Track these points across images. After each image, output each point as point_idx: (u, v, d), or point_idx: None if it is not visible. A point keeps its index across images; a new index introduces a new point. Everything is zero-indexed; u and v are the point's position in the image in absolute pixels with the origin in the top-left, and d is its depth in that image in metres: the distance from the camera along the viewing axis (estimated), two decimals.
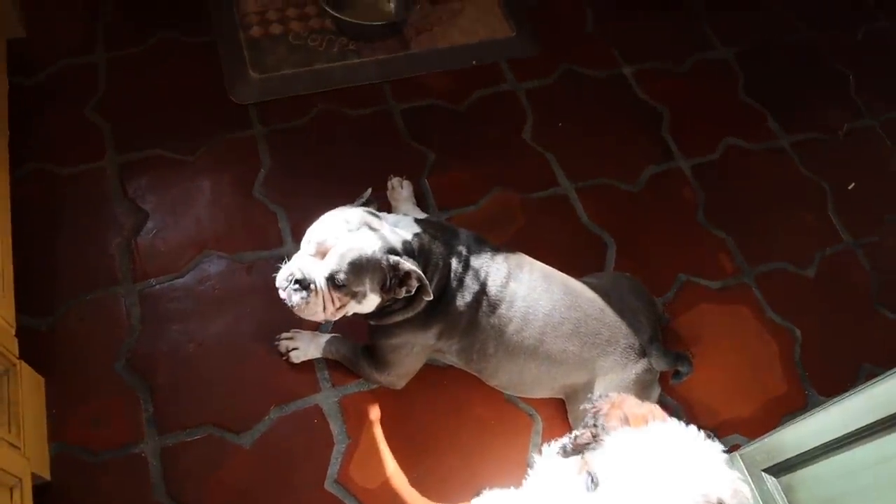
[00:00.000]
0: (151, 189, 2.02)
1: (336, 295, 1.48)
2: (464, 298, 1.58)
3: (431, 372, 1.80)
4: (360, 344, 1.75)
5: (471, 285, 1.58)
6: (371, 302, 1.53)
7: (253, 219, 2.00)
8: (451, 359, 1.73)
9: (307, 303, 1.48)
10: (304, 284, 1.47)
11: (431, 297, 1.52)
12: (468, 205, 2.11)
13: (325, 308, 1.51)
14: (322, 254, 1.47)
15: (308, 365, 1.80)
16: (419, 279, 1.48)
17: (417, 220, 1.61)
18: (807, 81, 2.63)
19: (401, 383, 1.76)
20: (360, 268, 1.44)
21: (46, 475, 1.58)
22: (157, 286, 1.87)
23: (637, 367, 1.65)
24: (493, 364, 1.67)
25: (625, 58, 2.53)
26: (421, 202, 2.05)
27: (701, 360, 1.93)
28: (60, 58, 2.21)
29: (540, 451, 1.34)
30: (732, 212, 2.24)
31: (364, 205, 1.59)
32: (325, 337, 1.78)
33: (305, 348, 1.78)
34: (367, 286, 1.48)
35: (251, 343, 1.81)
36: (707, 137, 2.40)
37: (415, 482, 1.70)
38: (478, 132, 2.26)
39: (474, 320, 1.60)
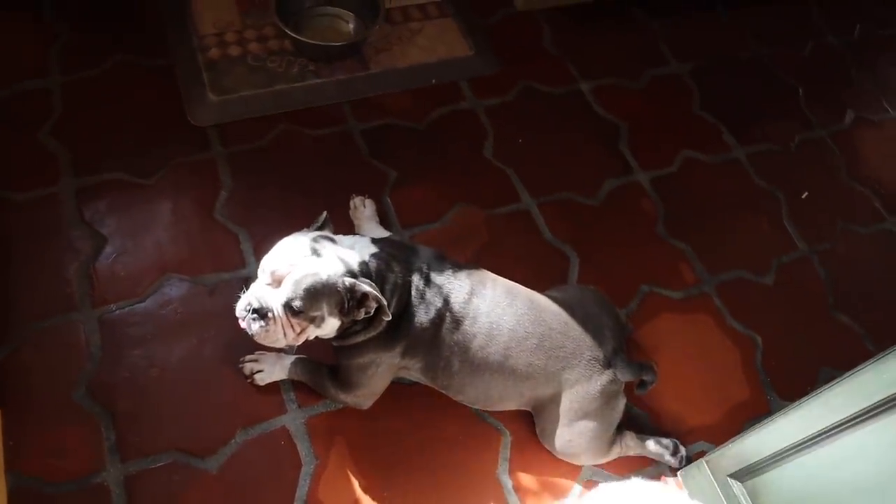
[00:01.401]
0: (110, 213, 1.99)
1: (294, 321, 1.49)
2: (426, 316, 1.58)
3: (398, 390, 1.79)
4: (325, 364, 1.74)
5: (433, 303, 1.58)
6: (330, 325, 1.53)
7: (215, 241, 1.98)
8: (417, 376, 1.72)
9: (266, 331, 1.49)
10: (261, 313, 1.47)
11: (390, 318, 1.52)
12: (432, 222, 2.11)
13: (285, 334, 1.51)
14: (278, 281, 1.47)
15: (273, 387, 1.78)
16: (376, 300, 1.47)
17: (375, 240, 1.61)
18: (759, 95, 2.70)
19: (367, 403, 1.75)
20: (316, 293, 1.45)
21: None
22: (117, 311, 1.83)
23: (602, 379, 1.66)
24: (458, 380, 1.67)
25: (582, 74, 2.57)
26: (384, 221, 2.05)
27: (665, 369, 1.95)
28: (13, 82, 2.17)
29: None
30: (691, 223, 2.28)
31: (320, 228, 1.59)
32: (290, 358, 1.77)
33: (270, 370, 1.76)
34: (325, 310, 1.48)
35: (215, 366, 1.79)
36: (664, 151, 2.44)
37: (384, 501, 1.69)
38: (439, 150, 2.27)
39: (438, 337, 1.60)
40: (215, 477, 1.66)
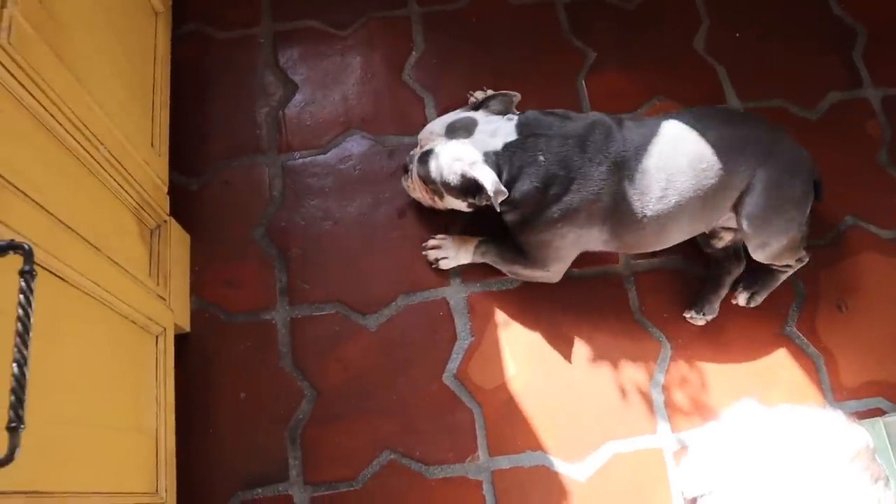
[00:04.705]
0: (303, 61, 2.00)
1: (424, 187, 1.67)
2: (593, 185, 1.53)
3: (564, 283, 1.74)
4: (509, 243, 1.70)
5: (595, 171, 1.52)
6: (455, 203, 1.66)
7: (400, 102, 1.95)
8: (602, 245, 1.66)
9: (407, 186, 1.75)
10: (405, 169, 1.74)
11: (506, 195, 1.53)
12: (626, 112, 1.96)
13: (423, 195, 1.71)
14: (422, 148, 1.66)
15: None
16: (494, 189, 1.50)
17: (521, 121, 1.58)
18: None
19: (557, 277, 1.71)
20: (431, 172, 1.60)
21: (186, 327, 1.67)
22: (300, 160, 1.88)
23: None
24: (651, 237, 1.62)
25: None
26: (577, 104, 1.94)
27: (856, 312, 1.79)
28: None
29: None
30: None
31: (478, 107, 1.63)
32: (474, 242, 1.74)
33: (455, 256, 1.75)
34: (441, 189, 1.61)
35: (385, 228, 1.81)
36: None
37: (531, 389, 1.68)
38: (645, 35, 2.08)
39: (616, 200, 1.54)
40: (373, 334, 1.71)
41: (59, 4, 1.16)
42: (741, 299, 1.76)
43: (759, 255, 1.66)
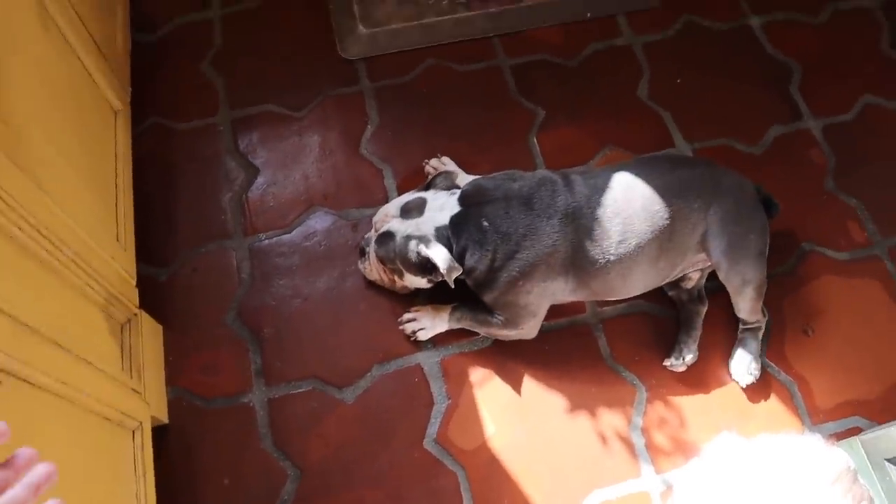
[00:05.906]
0: (262, 144, 2.05)
1: (383, 267, 1.71)
2: (548, 240, 1.57)
3: (534, 337, 1.77)
4: (481, 304, 1.72)
5: (547, 227, 1.57)
6: (414, 281, 1.69)
7: (359, 176, 2.00)
8: (570, 297, 1.70)
9: (364, 268, 1.79)
10: (362, 252, 1.78)
11: (460, 270, 1.59)
12: (579, 164, 2.02)
13: (381, 277, 1.74)
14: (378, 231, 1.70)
15: None
16: (446, 267, 1.56)
17: (464, 194, 1.64)
18: None
19: (531, 333, 1.74)
20: (389, 252, 1.65)
21: (164, 418, 1.66)
22: (266, 241, 1.91)
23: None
24: (617, 282, 1.65)
25: (753, 8, 2.34)
26: (530, 161, 2.00)
27: (822, 335, 1.82)
28: (179, 14, 2.25)
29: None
30: (866, 178, 2.06)
31: (429, 186, 1.71)
32: (447, 309, 1.76)
33: (431, 326, 1.77)
34: (401, 268, 1.65)
35: (354, 300, 1.83)
36: (842, 95, 2.20)
37: (513, 446, 1.69)
38: (590, 88, 2.16)
39: (576, 247, 1.59)
40: (351, 407, 1.72)
41: (13, 110, 1.20)
42: (744, 380, 1.75)
43: (744, 299, 1.70)
